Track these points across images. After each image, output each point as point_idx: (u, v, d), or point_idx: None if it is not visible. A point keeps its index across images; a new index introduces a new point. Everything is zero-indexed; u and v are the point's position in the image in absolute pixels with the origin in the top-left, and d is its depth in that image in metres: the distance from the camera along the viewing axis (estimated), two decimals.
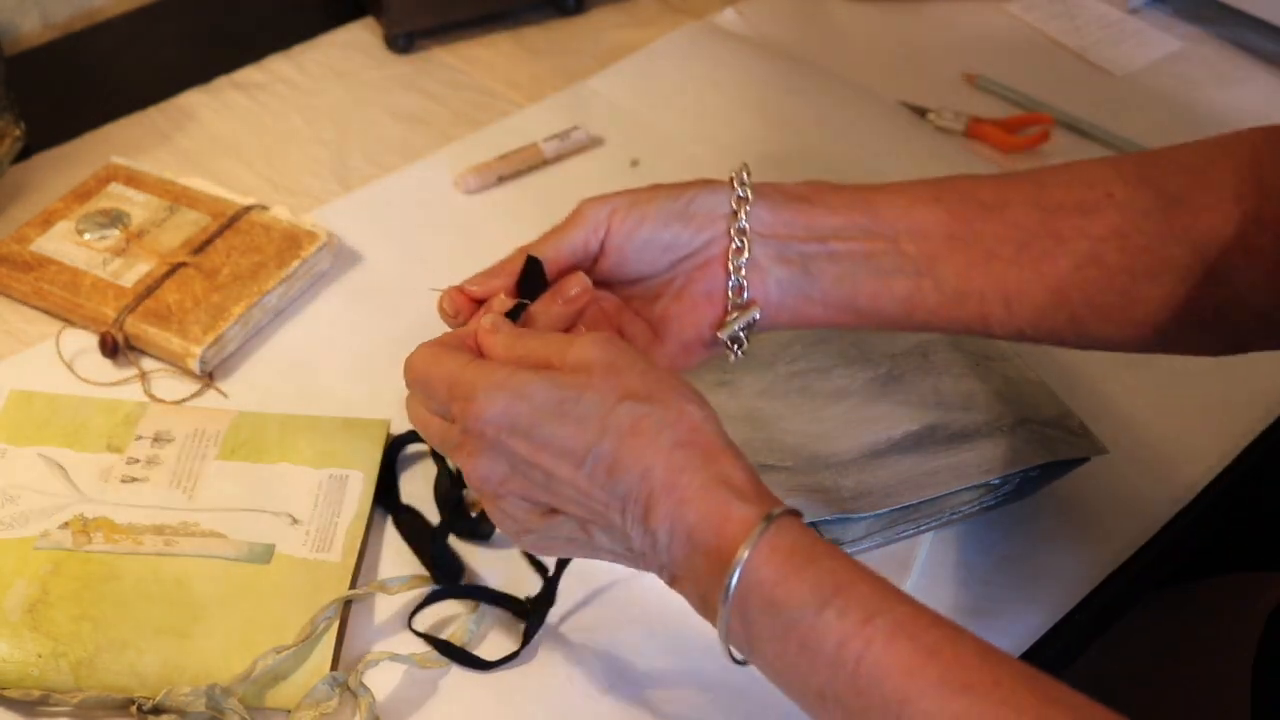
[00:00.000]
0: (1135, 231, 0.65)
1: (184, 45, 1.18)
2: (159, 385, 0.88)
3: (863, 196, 0.69)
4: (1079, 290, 0.66)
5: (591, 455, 0.59)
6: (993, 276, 0.67)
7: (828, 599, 0.56)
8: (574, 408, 0.59)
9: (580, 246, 0.69)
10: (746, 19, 1.21)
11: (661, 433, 0.59)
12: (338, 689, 0.71)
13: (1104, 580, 0.79)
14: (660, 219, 0.68)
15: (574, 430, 0.59)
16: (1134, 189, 0.66)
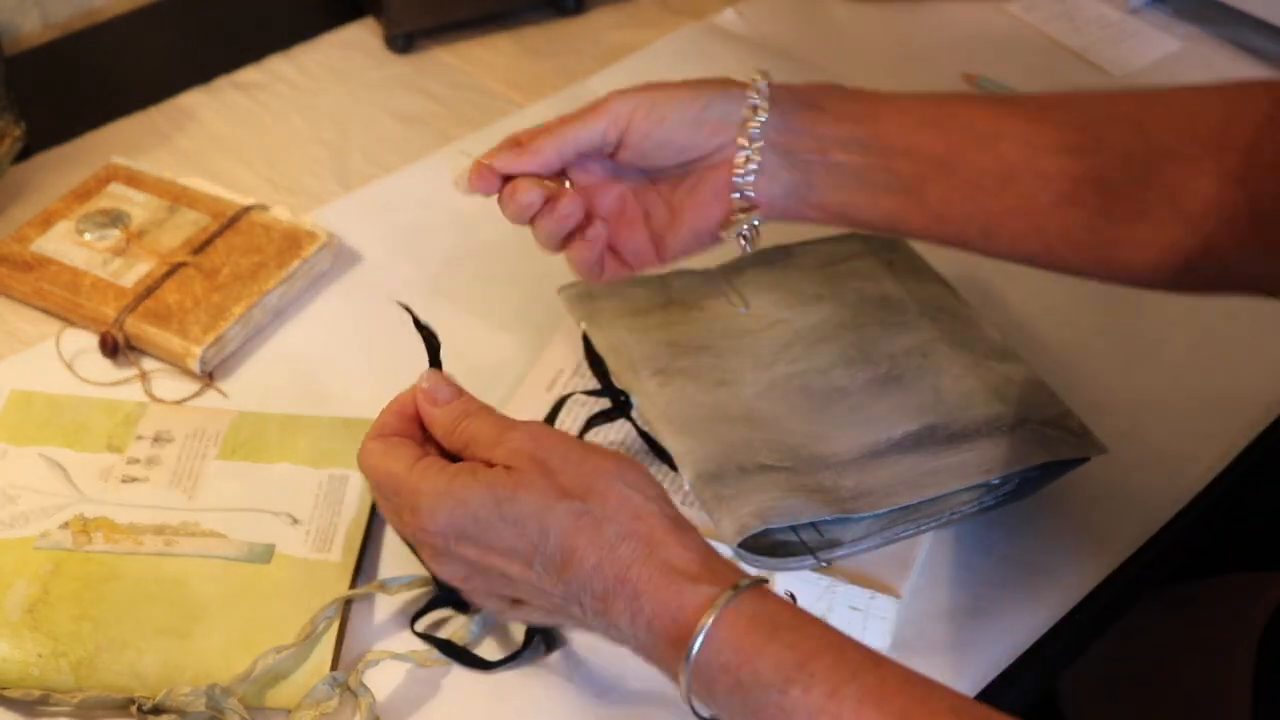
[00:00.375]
0: (1118, 178, 0.66)
1: (184, 45, 1.18)
2: (159, 385, 0.88)
3: (870, 109, 0.72)
4: (1057, 226, 0.68)
5: (538, 556, 0.59)
6: (974, 205, 0.69)
7: (791, 677, 0.55)
8: (511, 509, 0.59)
9: (599, 136, 0.72)
10: (746, 19, 1.21)
11: (603, 527, 0.59)
12: (338, 689, 0.71)
13: (1104, 580, 0.79)
14: (676, 122, 0.72)
15: (516, 533, 0.59)
16: (1125, 133, 0.67)
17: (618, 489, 0.60)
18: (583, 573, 0.58)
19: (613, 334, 0.84)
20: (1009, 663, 0.75)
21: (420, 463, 0.62)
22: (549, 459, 0.60)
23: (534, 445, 0.61)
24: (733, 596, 0.57)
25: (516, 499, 0.59)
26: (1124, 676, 0.93)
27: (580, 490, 0.59)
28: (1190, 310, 0.95)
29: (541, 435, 0.61)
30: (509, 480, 0.60)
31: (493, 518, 0.59)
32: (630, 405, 0.80)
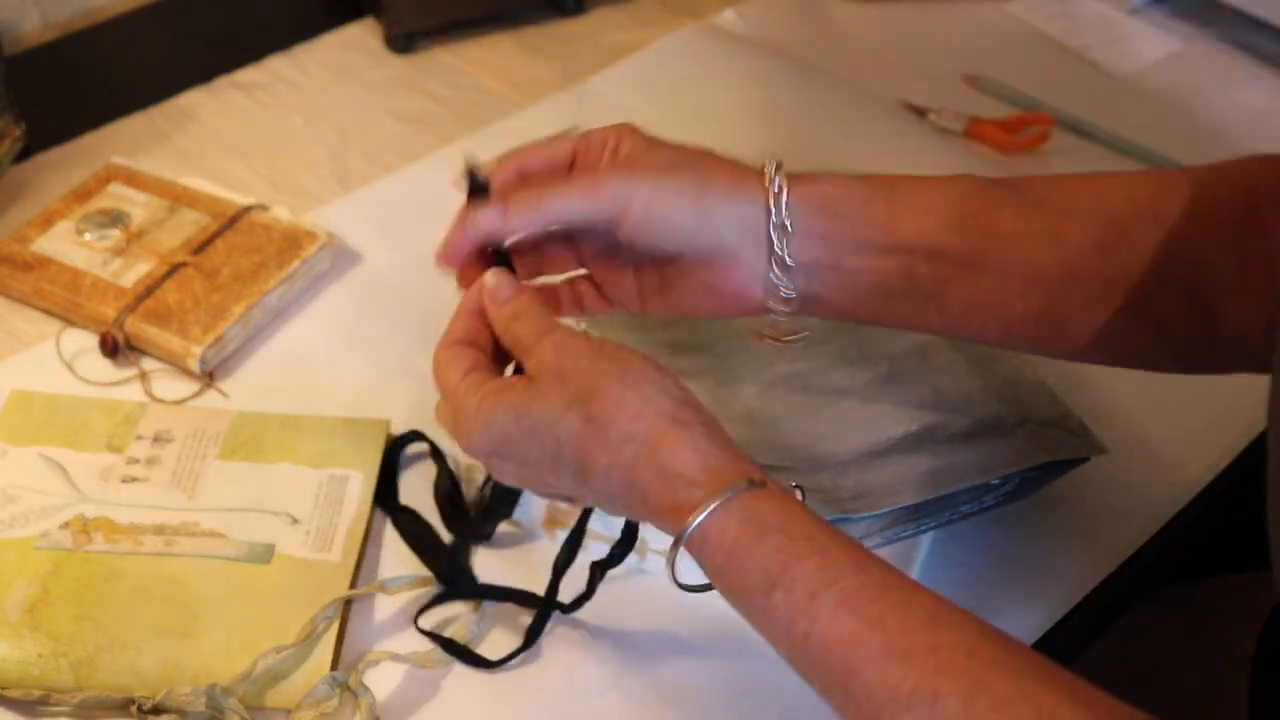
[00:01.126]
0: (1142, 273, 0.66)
1: (184, 45, 1.18)
2: (159, 385, 0.88)
3: (890, 211, 0.68)
4: (1082, 326, 0.68)
5: (561, 464, 0.62)
6: (999, 308, 0.68)
7: (775, 580, 0.57)
8: (529, 423, 0.62)
9: (589, 215, 0.68)
10: (746, 20, 1.21)
11: (608, 430, 0.61)
12: (338, 689, 0.71)
13: (1104, 580, 0.79)
14: (676, 220, 0.68)
15: (535, 444, 0.62)
16: (1148, 228, 0.66)
17: (616, 390, 0.61)
18: (599, 475, 0.61)
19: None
20: None
21: (467, 378, 0.64)
22: (566, 367, 0.62)
23: (555, 355, 0.63)
24: (723, 501, 0.59)
25: (531, 413, 0.62)
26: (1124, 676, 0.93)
27: (585, 395, 0.61)
28: None
29: (563, 344, 0.63)
30: (526, 395, 0.62)
31: (515, 434, 0.62)
32: None
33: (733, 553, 0.58)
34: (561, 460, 0.62)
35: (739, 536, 0.58)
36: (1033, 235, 0.67)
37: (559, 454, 0.62)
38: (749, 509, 0.59)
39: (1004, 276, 0.67)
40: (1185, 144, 1.07)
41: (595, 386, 0.61)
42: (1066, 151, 1.07)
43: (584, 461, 0.61)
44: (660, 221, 0.68)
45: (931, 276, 0.68)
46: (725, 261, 0.69)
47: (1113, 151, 1.07)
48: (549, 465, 0.62)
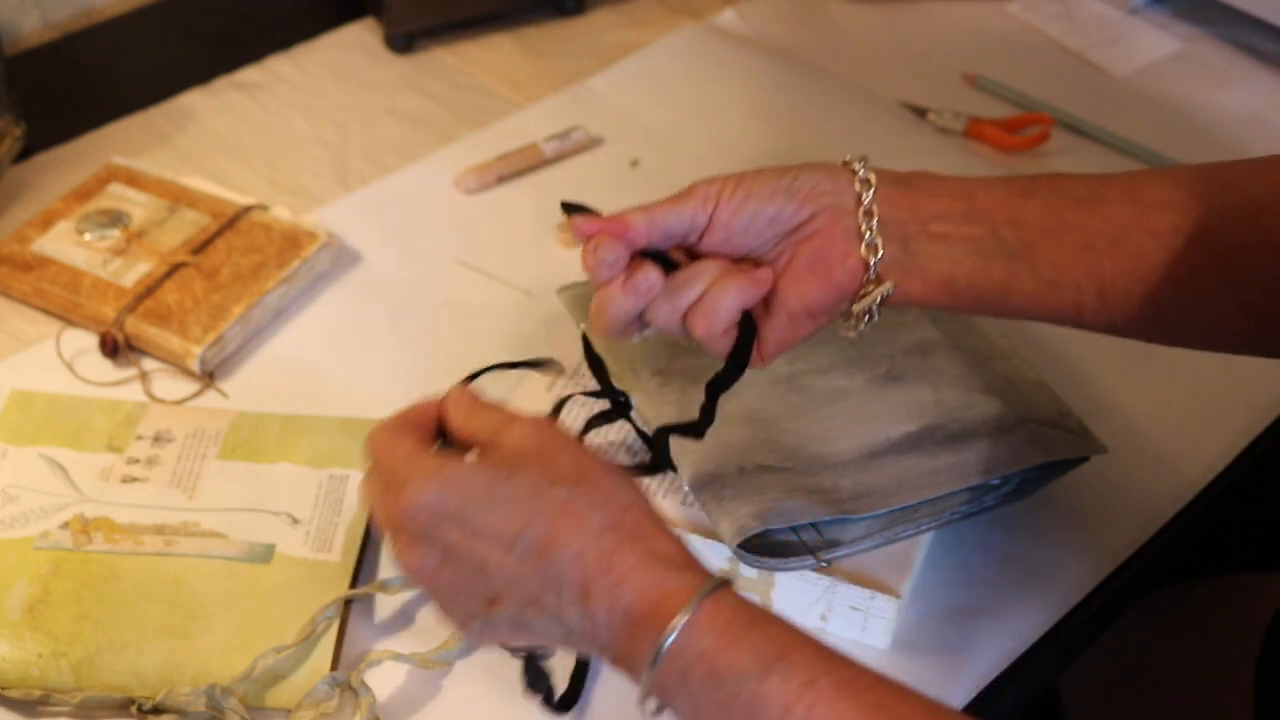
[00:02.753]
0: (1223, 232, 0.66)
1: (184, 45, 1.18)
2: (159, 385, 0.88)
3: (961, 185, 0.70)
4: (1169, 286, 0.67)
5: (522, 538, 0.59)
6: (1088, 267, 0.68)
7: (770, 665, 0.56)
8: (504, 489, 0.59)
9: (689, 219, 0.69)
10: (746, 19, 1.21)
11: (591, 514, 0.59)
12: (338, 689, 0.71)
13: (1104, 580, 0.79)
14: (766, 194, 0.69)
15: (504, 513, 0.59)
16: (1224, 192, 0.67)
17: (607, 480, 0.60)
18: (563, 559, 0.58)
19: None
20: (1009, 663, 0.75)
21: (423, 448, 0.62)
22: (549, 446, 0.61)
23: (537, 434, 0.61)
24: (716, 585, 0.58)
25: (511, 480, 0.59)
26: (1124, 676, 0.93)
27: (574, 476, 0.60)
28: None
29: (544, 426, 0.62)
30: (506, 464, 0.60)
31: (484, 497, 0.59)
32: (630, 406, 0.80)
33: (726, 634, 0.57)
34: (523, 537, 0.59)
35: (731, 621, 0.57)
36: (1108, 198, 0.68)
37: (523, 530, 0.59)
38: (738, 599, 0.58)
39: (1089, 234, 0.68)
40: (1185, 144, 1.07)
41: (584, 470, 0.60)
42: (1066, 151, 1.07)
43: (550, 543, 0.58)
44: (750, 198, 0.69)
45: (1018, 240, 0.68)
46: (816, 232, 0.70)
47: (1112, 151, 1.07)
48: (503, 541, 0.59)
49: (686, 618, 0.57)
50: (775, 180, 0.70)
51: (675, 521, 0.76)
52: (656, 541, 0.59)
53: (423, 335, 0.92)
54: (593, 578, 0.58)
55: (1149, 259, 0.67)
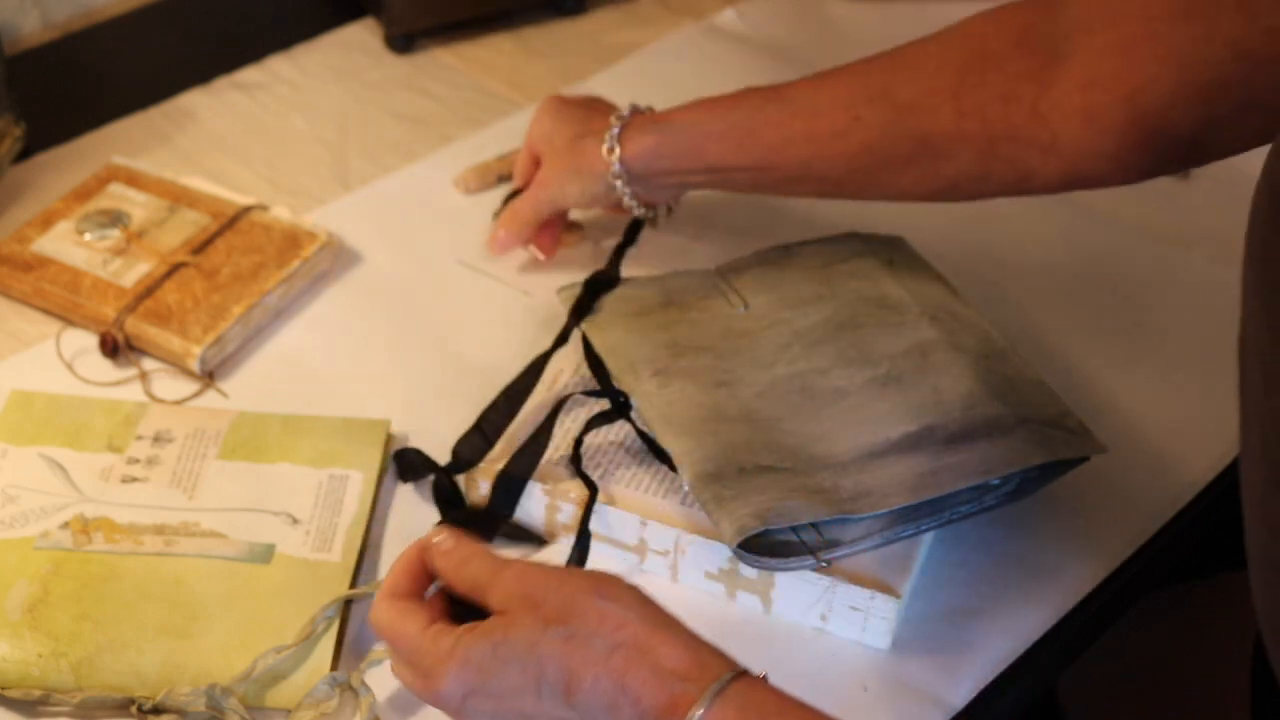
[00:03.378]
0: (879, 142, 0.84)
1: (184, 45, 1.18)
2: (159, 385, 0.88)
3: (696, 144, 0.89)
4: (852, 186, 0.87)
5: (544, 686, 0.61)
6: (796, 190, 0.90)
7: None
8: (506, 651, 0.61)
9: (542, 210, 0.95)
10: (746, 19, 1.21)
11: (591, 643, 0.61)
12: (338, 689, 0.71)
13: (1104, 580, 0.79)
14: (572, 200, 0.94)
15: (518, 671, 0.61)
16: (878, 107, 0.83)
17: (596, 605, 0.62)
18: (584, 691, 0.60)
19: (612, 335, 0.84)
20: (1009, 663, 0.75)
21: (431, 628, 0.64)
22: (534, 593, 0.62)
23: (520, 584, 0.63)
24: (720, 688, 0.59)
25: (508, 640, 0.61)
26: (1124, 676, 0.93)
27: (563, 615, 0.61)
28: (1190, 310, 0.95)
29: (525, 572, 0.64)
30: (500, 625, 0.62)
31: (493, 664, 0.62)
32: (630, 406, 0.80)
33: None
34: (544, 683, 0.61)
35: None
36: (793, 139, 0.86)
37: (541, 677, 0.61)
38: (745, 697, 0.59)
39: (784, 171, 0.87)
40: None
41: (570, 604, 0.61)
42: None
43: (569, 680, 0.61)
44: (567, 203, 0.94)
45: (743, 180, 0.90)
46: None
47: None
48: (531, 691, 0.61)
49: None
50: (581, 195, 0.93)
51: (672, 519, 0.76)
52: (659, 652, 0.60)
53: (423, 335, 0.92)
54: (616, 701, 0.60)
55: (831, 176, 0.87)
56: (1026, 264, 0.98)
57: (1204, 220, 1.02)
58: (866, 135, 0.84)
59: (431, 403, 0.86)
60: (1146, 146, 0.76)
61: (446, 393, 0.87)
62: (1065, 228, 1.01)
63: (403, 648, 0.64)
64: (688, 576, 0.78)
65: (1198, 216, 1.02)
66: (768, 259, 0.89)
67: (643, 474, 0.79)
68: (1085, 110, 0.77)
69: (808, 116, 0.86)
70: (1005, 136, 0.79)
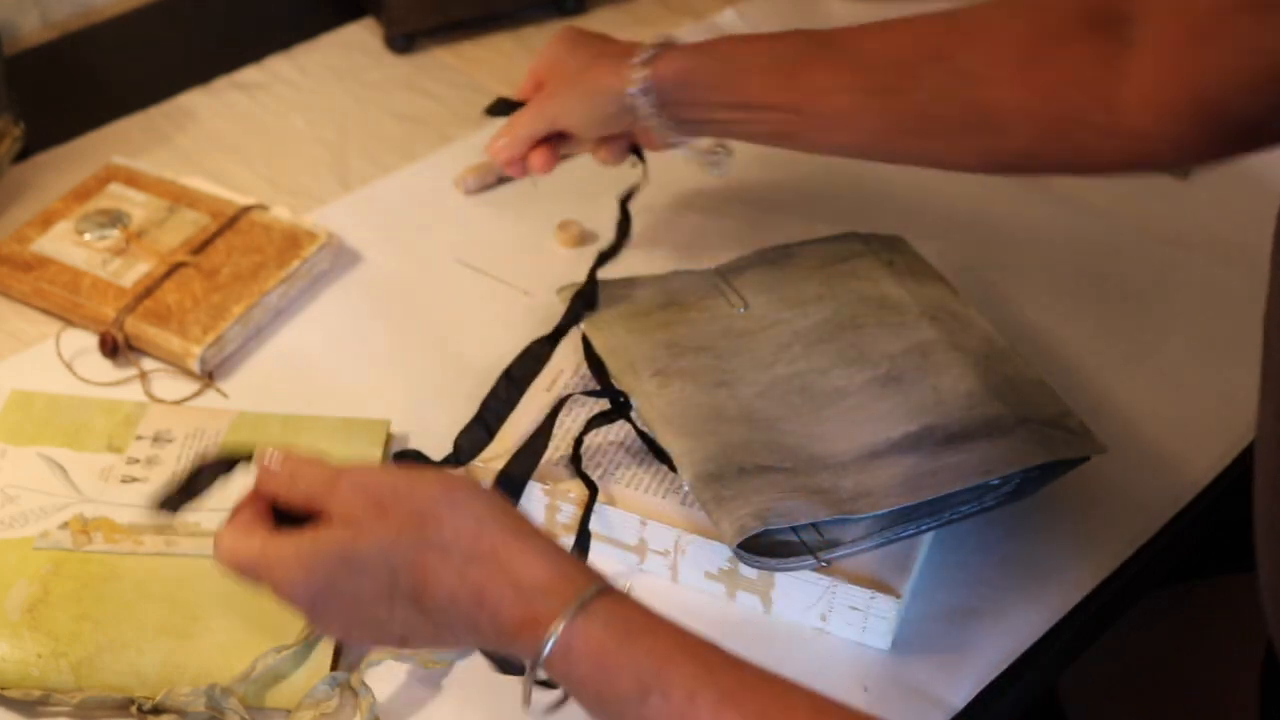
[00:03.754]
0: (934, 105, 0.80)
1: (184, 45, 1.18)
2: (159, 385, 0.88)
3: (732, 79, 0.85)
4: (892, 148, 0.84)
5: (396, 591, 0.59)
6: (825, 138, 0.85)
7: (649, 685, 0.56)
8: (357, 561, 0.60)
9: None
10: (746, 19, 1.21)
11: (448, 555, 0.59)
12: (338, 689, 0.71)
13: (1104, 580, 0.79)
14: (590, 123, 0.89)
15: (369, 577, 0.59)
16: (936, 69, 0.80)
17: (451, 514, 0.59)
18: (441, 603, 0.59)
19: (612, 335, 0.84)
20: (1009, 663, 0.75)
21: (270, 540, 0.62)
22: (381, 499, 0.60)
23: (362, 491, 0.61)
24: (580, 606, 0.57)
25: (357, 551, 0.59)
26: (1124, 676, 0.93)
27: (416, 523, 0.59)
28: (1190, 310, 0.95)
29: (368, 478, 0.62)
30: (347, 535, 0.60)
31: (343, 574, 0.60)
32: (630, 406, 0.80)
33: (600, 659, 0.56)
34: (397, 590, 0.59)
35: (604, 641, 0.56)
36: (839, 87, 0.81)
37: (394, 586, 0.59)
38: (611, 612, 0.57)
39: (821, 119, 0.83)
40: None
41: (424, 511, 0.59)
42: None
43: (422, 589, 0.59)
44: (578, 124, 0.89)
45: (773, 123, 0.84)
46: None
47: None
48: (384, 601, 0.60)
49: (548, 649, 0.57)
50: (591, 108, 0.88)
51: (672, 519, 0.76)
52: (518, 563, 0.58)
53: (423, 335, 0.92)
54: (474, 614, 0.59)
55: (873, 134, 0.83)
56: (1026, 264, 0.98)
57: (1204, 220, 1.02)
58: (921, 96, 0.80)
59: (431, 403, 0.86)
60: (1209, 132, 0.74)
61: (446, 393, 0.87)
62: (1065, 228, 1.01)
63: (248, 567, 0.62)
64: (688, 576, 0.77)
65: (1198, 216, 1.02)
66: (768, 259, 0.89)
67: (643, 474, 0.79)
68: (1152, 98, 0.74)
69: (859, 68, 0.82)
70: (1069, 118, 0.77)
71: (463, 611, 0.59)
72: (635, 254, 0.94)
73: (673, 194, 1.03)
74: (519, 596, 0.58)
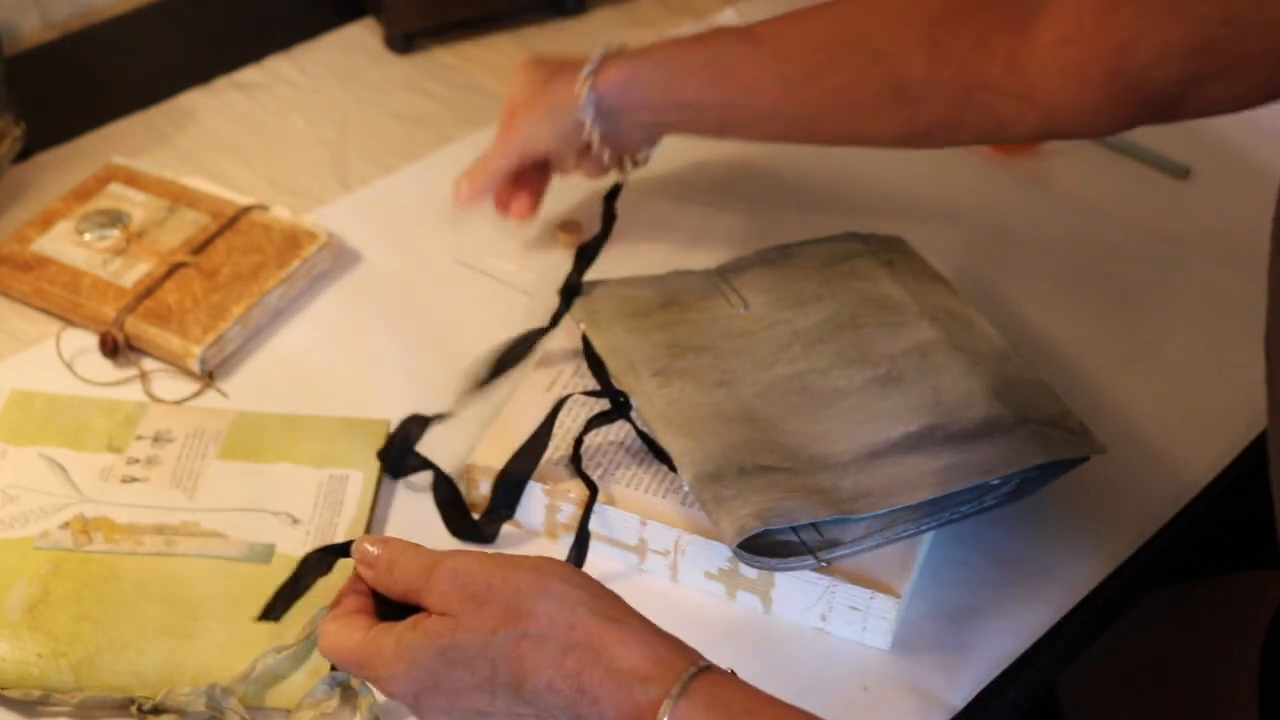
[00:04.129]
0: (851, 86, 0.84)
1: (184, 45, 1.18)
2: (159, 385, 0.88)
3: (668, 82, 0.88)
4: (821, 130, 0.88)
5: (497, 687, 0.60)
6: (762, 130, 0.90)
7: None
8: (455, 654, 0.60)
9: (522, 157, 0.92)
10: (746, 19, 1.20)
11: (545, 646, 0.59)
12: (338, 689, 0.71)
13: (1104, 580, 0.79)
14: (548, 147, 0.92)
15: (469, 673, 0.60)
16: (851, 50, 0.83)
17: (545, 605, 0.60)
18: (540, 691, 0.59)
19: (612, 335, 0.84)
20: (1009, 663, 0.75)
21: (371, 632, 0.62)
22: (476, 591, 0.60)
23: (457, 581, 0.61)
24: (683, 689, 0.57)
25: (456, 644, 0.60)
26: (1124, 676, 0.93)
27: (512, 616, 0.59)
28: (1190, 310, 0.95)
29: (462, 568, 0.61)
30: (445, 627, 0.60)
31: (443, 667, 0.60)
32: (630, 406, 0.80)
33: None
34: (498, 684, 0.59)
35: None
36: (764, 81, 0.86)
37: (494, 678, 0.59)
38: (711, 695, 0.57)
39: (756, 110, 0.87)
40: (1184, 144, 1.07)
41: (518, 604, 0.59)
42: (1066, 152, 1.07)
43: (523, 681, 0.59)
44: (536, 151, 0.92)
45: (714, 120, 0.89)
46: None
47: (1112, 151, 1.07)
48: (485, 692, 0.60)
49: None
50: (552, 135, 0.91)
51: (672, 519, 0.76)
52: (615, 652, 0.58)
53: (423, 335, 0.92)
54: (574, 702, 0.58)
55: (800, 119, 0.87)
56: (1026, 264, 0.98)
57: (1204, 220, 1.02)
58: (838, 79, 0.83)
59: (431, 403, 0.86)
60: (1125, 101, 0.76)
61: (446, 393, 0.87)
62: (1065, 228, 1.01)
63: (350, 661, 0.62)
64: (688, 576, 0.78)
65: (1198, 216, 1.02)
66: (768, 259, 0.89)
67: (643, 474, 0.79)
68: (1063, 63, 0.76)
69: (779, 57, 0.85)
70: (980, 85, 0.79)
71: (564, 700, 0.58)
72: (636, 254, 0.94)
73: (673, 194, 1.03)
74: (618, 685, 0.58)
